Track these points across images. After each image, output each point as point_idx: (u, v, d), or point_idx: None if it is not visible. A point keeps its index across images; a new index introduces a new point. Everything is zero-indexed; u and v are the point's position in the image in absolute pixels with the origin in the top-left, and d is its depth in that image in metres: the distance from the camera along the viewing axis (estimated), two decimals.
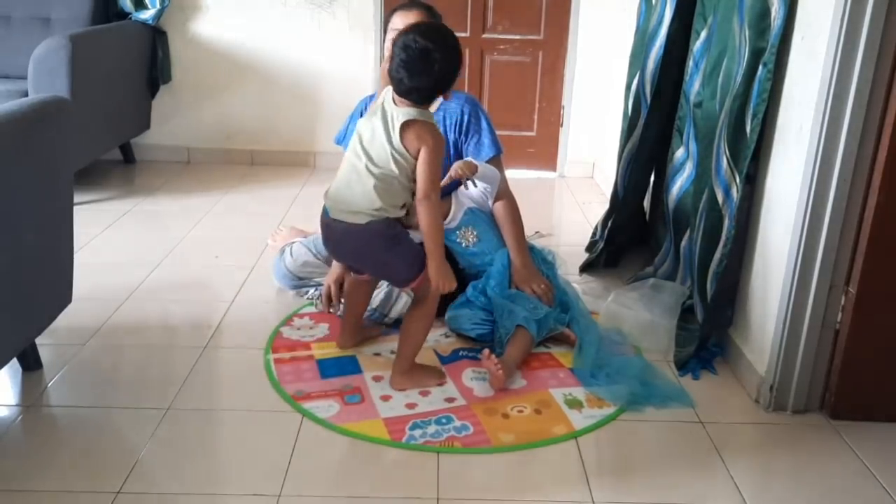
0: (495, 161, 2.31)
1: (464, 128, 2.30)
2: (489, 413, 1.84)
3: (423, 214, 1.81)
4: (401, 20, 2.17)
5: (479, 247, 2.24)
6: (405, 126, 1.78)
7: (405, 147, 1.79)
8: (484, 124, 2.31)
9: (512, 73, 3.93)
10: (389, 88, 1.84)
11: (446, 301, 2.25)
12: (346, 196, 1.84)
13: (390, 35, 2.16)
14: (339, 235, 1.88)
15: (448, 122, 2.29)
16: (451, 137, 2.30)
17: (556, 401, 1.90)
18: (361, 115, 2.32)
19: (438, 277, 1.85)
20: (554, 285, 2.23)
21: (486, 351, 1.95)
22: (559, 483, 1.64)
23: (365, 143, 1.83)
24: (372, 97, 2.21)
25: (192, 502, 1.53)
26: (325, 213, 1.90)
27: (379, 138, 1.81)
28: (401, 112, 1.79)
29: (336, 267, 2.24)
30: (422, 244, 1.85)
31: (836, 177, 1.71)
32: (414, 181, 1.82)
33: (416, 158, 1.79)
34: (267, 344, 2.15)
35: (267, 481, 1.59)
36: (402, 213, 1.87)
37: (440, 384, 1.96)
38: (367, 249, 1.87)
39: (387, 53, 2.02)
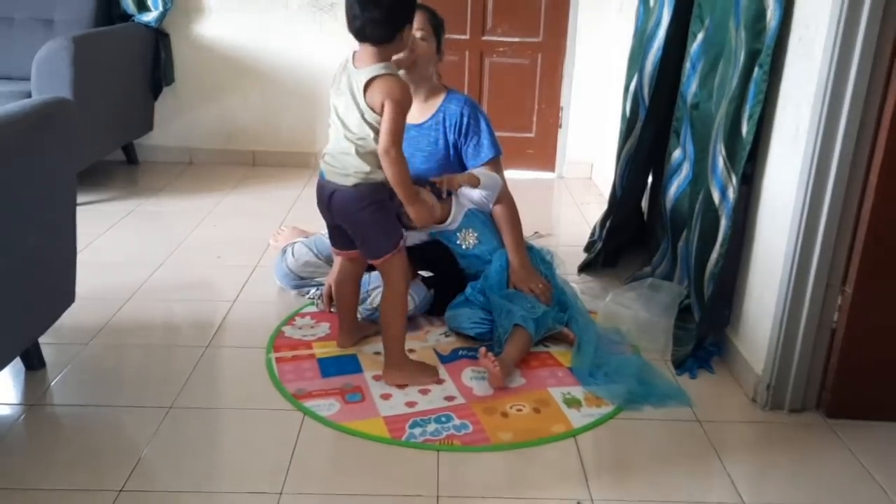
0: (494, 163, 2.32)
1: (463, 129, 2.31)
2: (488, 412, 1.85)
3: (386, 168, 1.83)
4: None
5: (479, 248, 2.25)
6: (368, 84, 1.79)
7: (370, 107, 1.80)
8: (483, 126, 2.32)
9: (511, 75, 3.95)
10: (348, 57, 1.86)
11: (445, 300, 2.27)
12: (338, 160, 1.88)
13: None
14: (329, 196, 1.91)
15: (448, 124, 2.31)
16: (451, 139, 2.32)
17: (555, 400, 1.91)
18: None
19: (419, 216, 1.94)
20: (552, 285, 2.24)
21: (483, 349, 1.96)
22: (558, 481, 1.65)
23: (340, 113, 1.86)
24: None
25: (193, 500, 1.55)
26: (320, 175, 1.95)
27: (349, 105, 1.83)
28: (362, 72, 1.80)
29: (336, 264, 2.26)
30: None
31: (833, 177, 1.72)
32: None
33: (378, 106, 1.80)
34: (268, 343, 2.16)
35: (268, 479, 1.60)
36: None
37: (436, 382, 1.97)
38: (351, 210, 1.90)
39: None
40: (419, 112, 2.30)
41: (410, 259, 2.27)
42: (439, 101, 2.32)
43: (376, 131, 1.82)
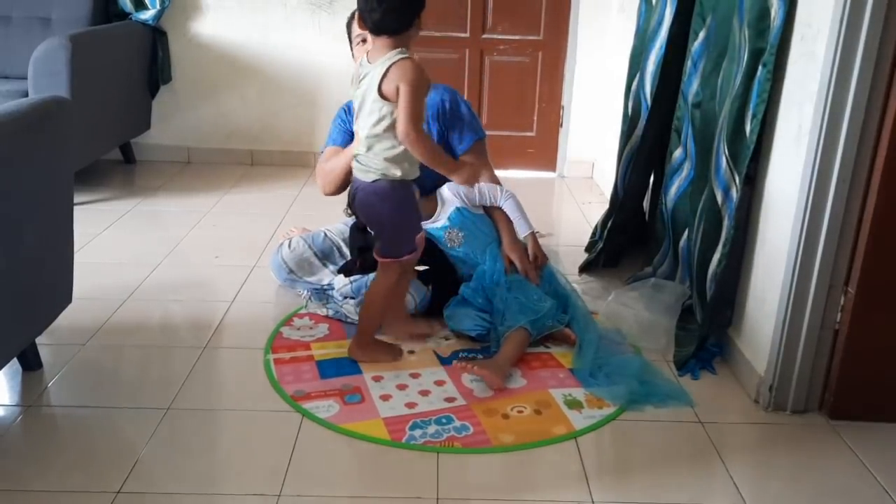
0: (478, 144, 2.35)
1: (447, 116, 2.32)
2: (489, 413, 1.84)
3: (412, 151, 1.85)
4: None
5: (464, 248, 2.24)
6: (385, 75, 1.78)
7: (385, 97, 1.80)
8: (464, 110, 2.35)
9: (512, 73, 3.93)
10: (363, 58, 1.87)
11: (442, 300, 2.26)
12: (363, 158, 1.90)
13: (355, 40, 2.21)
14: (354, 193, 1.96)
15: (430, 113, 2.31)
16: (435, 128, 2.33)
17: (556, 401, 1.90)
18: (341, 120, 2.35)
19: (465, 178, 1.99)
20: (555, 283, 2.23)
21: (456, 364, 1.97)
22: (559, 483, 1.64)
23: (361, 113, 1.87)
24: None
25: (191, 502, 1.53)
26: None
27: (366, 103, 1.84)
28: (378, 65, 1.80)
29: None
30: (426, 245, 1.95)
31: (836, 177, 1.71)
32: None
33: (394, 92, 1.79)
34: (267, 344, 2.15)
35: (267, 481, 1.59)
36: (415, 172, 1.92)
37: (395, 360, 2.05)
38: (370, 203, 1.93)
39: (357, 61, 2.06)
40: None
41: None
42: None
43: (393, 123, 1.82)
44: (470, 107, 2.39)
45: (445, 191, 2.29)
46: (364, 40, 2.12)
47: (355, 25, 2.19)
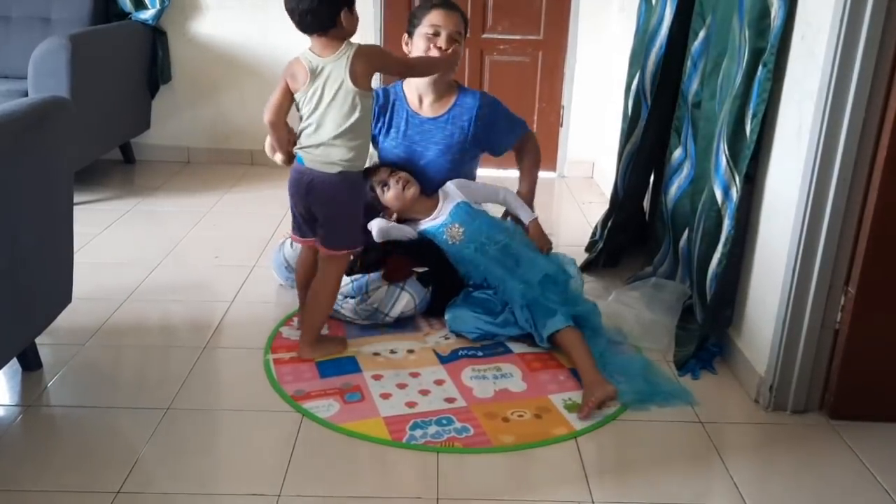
0: (529, 134, 2.49)
1: (485, 117, 2.35)
2: (489, 416, 1.84)
3: (426, 69, 2.18)
4: (441, 19, 2.23)
5: (464, 242, 2.24)
6: (353, 66, 1.85)
7: (354, 81, 1.85)
8: (502, 108, 2.43)
9: (512, 73, 3.93)
10: (303, 55, 1.90)
11: (444, 300, 2.26)
12: (321, 151, 1.91)
13: (424, 31, 2.23)
14: (308, 182, 1.95)
15: (466, 117, 2.33)
16: (471, 130, 2.34)
17: (556, 406, 1.89)
18: None
19: (447, 63, 2.23)
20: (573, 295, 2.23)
21: (582, 416, 1.84)
22: (559, 483, 1.64)
23: (323, 106, 1.88)
24: None
25: (191, 502, 1.53)
26: (298, 161, 1.99)
27: (335, 96, 1.87)
28: (340, 60, 1.86)
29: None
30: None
31: (836, 177, 1.71)
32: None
33: (370, 76, 1.90)
34: (266, 344, 2.15)
35: (266, 481, 1.59)
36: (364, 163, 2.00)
37: (340, 351, 2.09)
38: (332, 194, 1.95)
39: (415, 52, 2.23)
40: (434, 107, 2.34)
41: (406, 257, 2.27)
42: (454, 97, 2.36)
43: (366, 109, 1.89)
44: (504, 105, 2.46)
45: (451, 186, 2.30)
46: (437, 34, 2.23)
47: (433, 15, 2.24)
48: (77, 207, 2.02)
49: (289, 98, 1.95)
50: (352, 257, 2.13)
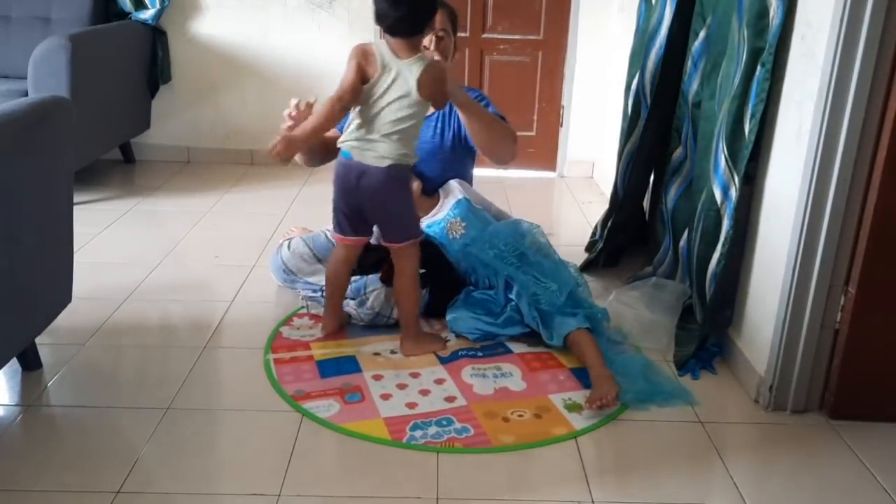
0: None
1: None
2: (489, 416, 1.84)
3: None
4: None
5: (466, 238, 2.24)
6: (421, 76, 1.88)
7: (422, 95, 1.90)
8: (487, 102, 2.39)
9: (511, 73, 3.93)
10: (377, 47, 1.90)
11: (445, 300, 2.26)
12: (371, 144, 1.93)
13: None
14: (357, 176, 1.95)
15: (454, 112, 2.32)
16: (456, 126, 2.33)
17: (556, 406, 1.89)
18: None
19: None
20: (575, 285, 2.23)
21: (587, 411, 1.84)
22: (559, 483, 1.64)
23: (384, 100, 1.90)
24: None
25: (191, 502, 1.53)
26: (343, 155, 1.98)
27: (399, 93, 1.89)
28: (413, 65, 1.89)
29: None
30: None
31: (836, 176, 1.71)
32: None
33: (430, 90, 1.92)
34: (266, 344, 2.15)
35: (266, 481, 1.59)
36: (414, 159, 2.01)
37: (440, 349, 2.11)
38: (384, 189, 1.96)
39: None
40: None
41: None
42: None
43: (420, 117, 1.95)
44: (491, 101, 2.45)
45: (453, 183, 2.31)
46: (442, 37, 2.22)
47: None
48: (77, 207, 2.02)
49: (360, 80, 1.92)
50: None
